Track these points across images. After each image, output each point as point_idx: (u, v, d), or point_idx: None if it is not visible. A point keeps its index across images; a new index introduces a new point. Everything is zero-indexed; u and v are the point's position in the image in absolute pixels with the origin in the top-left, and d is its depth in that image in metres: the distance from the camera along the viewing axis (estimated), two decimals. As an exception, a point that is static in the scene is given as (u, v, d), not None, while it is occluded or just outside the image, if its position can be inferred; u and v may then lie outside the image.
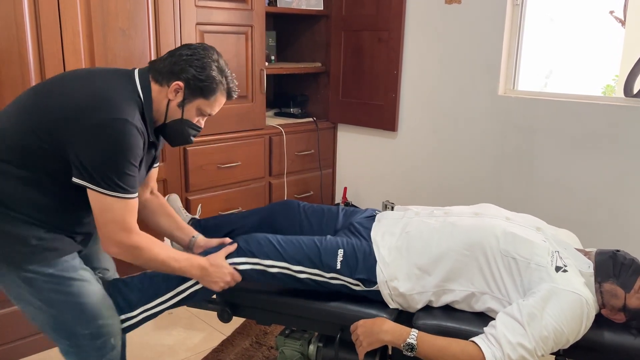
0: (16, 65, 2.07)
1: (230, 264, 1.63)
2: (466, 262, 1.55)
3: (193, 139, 1.59)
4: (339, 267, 1.62)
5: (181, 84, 1.47)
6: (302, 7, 3.17)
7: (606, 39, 4.27)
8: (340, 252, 1.64)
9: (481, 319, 1.53)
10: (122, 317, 1.60)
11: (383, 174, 3.29)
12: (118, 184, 1.37)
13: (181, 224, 1.79)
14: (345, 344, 1.60)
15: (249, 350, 2.37)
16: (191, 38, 2.59)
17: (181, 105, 1.50)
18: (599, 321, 1.49)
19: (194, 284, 1.63)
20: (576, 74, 4.51)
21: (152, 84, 1.49)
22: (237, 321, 2.55)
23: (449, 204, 1.89)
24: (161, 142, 1.63)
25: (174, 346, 2.41)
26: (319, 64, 3.36)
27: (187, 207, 2.73)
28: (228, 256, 1.64)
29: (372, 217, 1.83)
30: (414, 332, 1.44)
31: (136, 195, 1.44)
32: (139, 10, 2.38)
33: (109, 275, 1.72)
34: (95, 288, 1.50)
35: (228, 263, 1.62)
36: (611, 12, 3.91)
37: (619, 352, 1.47)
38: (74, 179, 1.37)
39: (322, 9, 3.25)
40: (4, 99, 2.02)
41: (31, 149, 1.36)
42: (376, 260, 1.63)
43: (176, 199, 2.06)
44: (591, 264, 1.53)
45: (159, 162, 1.71)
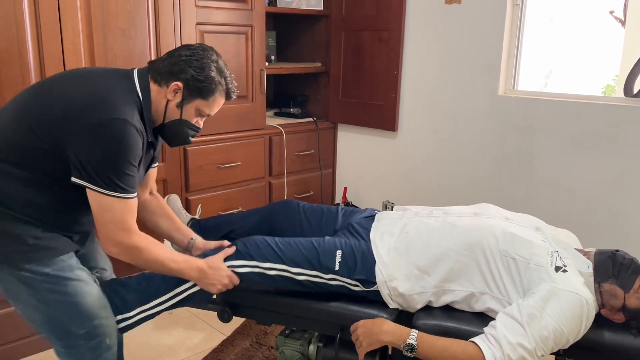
0: (16, 65, 2.07)
1: (229, 266, 1.63)
2: (466, 262, 1.55)
3: (192, 139, 1.59)
4: (337, 268, 1.62)
5: (180, 84, 1.47)
6: (302, 7, 3.17)
7: (606, 39, 4.27)
8: (339, 253, 1.64)
9: (481, 319, 1.53)
10: (119, 318, 1.60)
11: (383, 174, 3.29)
12: (117, 183, 1.37)
13: (180, 225, 1.78)
14: (346, 344, 1.60)
15: (249, 350, 2.37)
16: (191, 38, 2.59)
17: (180, 105, 1.50)
18: (599, 321, 1.49)
19: (192, 286, 1.63)
20: (576, 74, 4.51)
21: (151, 84, 1.49)
22: (237, 321, 2.55)
23: (449, 204, 1.89)
24: (160, 142, 1.63)
25: (174, 346, 2.41)
26: (319, 64, 3.36)
27: (187, 207, 2.73)
28: (226, 259, 1.64)
29: (371, 217, 1.83)
30: (413, 333, 1.44)
31: (135, 195, 1.44)
32: (139, 10, 2.38)
33: (106, 275, 1.72)
34: (91, 288, 1.50)
35: (226, 266, 1.62)
36: (611, 12, 3.91)
37: (619, 352, 1.47)
38: (73, 179, 1.37)
39: (322, 9, 3.25)
40: (4, 99, 2.02)
41: (30, 148, 1.36)
42: (375, 260, 1.63)
43: (176, 199, 2.06)
44: (590, 264, 1.53)
45: (157, 162, 1.71)
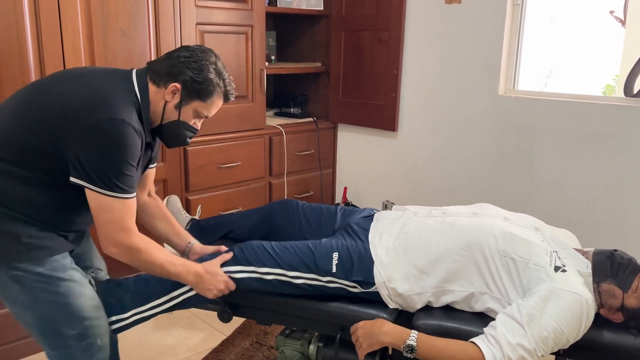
0: (16, 65, 2.07)
1: (226, 272, 1.63)
2: (465, 263, 1.55)
3: (189, 140, 1.59)
4: (334, 270, 1.62)
5: (178, 85, 1.47)
6: (302, 7, 3.17)
7: (606, 39, 4.27)
8: (335, 255, 1.63)
9: (481, 319, 1.53)
10: (114, 319, 1.60)
11: (383, 174, 3.29)
12: (116, 184, 1.37)
13: (178, 228, 1.78)
14: (346, 344, 1.60)
15: (249, 350, 2.37)
16: (191, 38, 2.59)
17: (178, 106, 1.50)
18: (599, 321, 1.49)
19: (188, 290, 1.63)
20: (576, 74, 4.51)
21: (150, 85, 1.49)
22: (237, 321, 2.55)
23: (449, 203, 1.89)
24: (157, 143, 1.63)
25: (174, 346, 2.41)
26: (319, 64, 3.36)
27: (187, 207, 2.73)
28: (224, 264, 1.64)
29: (370, 217, 1.82)
30: (413, 334, 1.44)
31: (134, 195, 1.44)
32: (139, 10, 2.38)
33: (101, 275, 1.72)
34: (84, 289, 1.49)
35: (224, 271, 1.62)
36: (611, 12, 3.91)
37: (618, 352, 1.47)
38: (72, 179, 1.37)
39: (322, 9, 3.25)
40: (4, 99, 2.01)
41: (29, 147, 1.36)
42: (373, 261, 1.63)
43: (176, 200, 2.06)
44: (589, 264, 1.53)
45: (155, 163, 1.71)
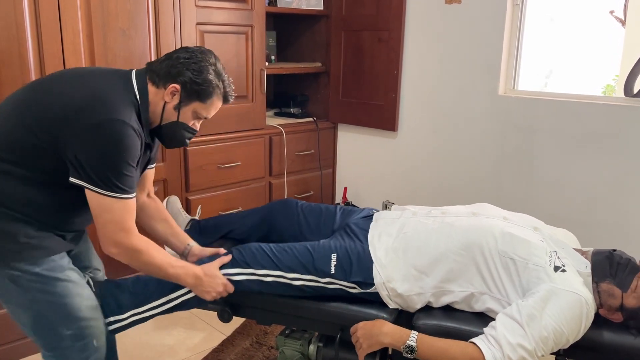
0: (16, 65, 2.07)
1: (225, 274, 1.63)
2: (464, 263, 1.55)
3: (188, 141, 1.59)
4: (333, 271, 1.62)
5: (178, 86, 1.47)
6: (302, 7, 3.17)
7: (606, 39, 4.27)
8: (334, 257, 1.63)
9: (481, 319, 1.53)
10: (111, 319, 1.60)
11: (383, 174, 3.29)
12: (116, 184, 1.37)
13: (177, 230, 1.78)
14: (346, 344, 1.60)
15: (249, 350, 2.37)
16: (191, 38, 2.59)
17: (177, 108, 1.50)
18: (599, 321, 1.49)
19: (187, 293, 1.63)
20: (576, 74, 4.51)
21: (149, 85, 1.49)
22: (237, 321, 2.55)
23: (449, 203, 1.89)
24: (156, 144, 1.63)
25: (174, 346, 2.41)
26: (319, 63, 3.36)
27: (187, 207, 2.73)
28: (223, 267, 1.64)
29: (369, 217, 1.82)
30: (413, 334, 1.44)
31: (134, 195, 1.44)
32: (139, 11, 2.38)
33: (100, 275, 1.72)
34: (81, 289, 1.49)
35: (223, 274, 1.62)
36: (611, 12, 3.91)
37: (619, 352, 1.47)
38: (72, 179, 1.37)
39: (322, 9, 3.25)
40: (4, 98, 2.02)
41: (29, 147, 1.36)
42: (372, 261, 1.62)
43: (176, 200, 2.06)
44: (588, 264, 1.53)
45: (154, 164, 1.71)
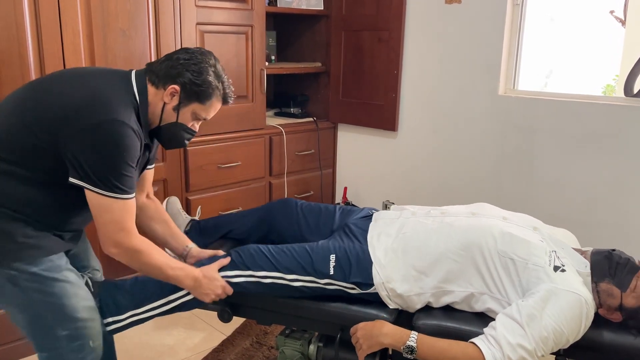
0: (16, 65, 2.07)
1: (224, 277, 1.63)
2: (464, 263, 1.55)
3: (187, 142, 1.59)
4: (332, 272, 1.62)
5: (177, 87, 1.47)
6: (302, 7, 3.17)
7: (606, 39, 4.27)
8: (332, 258, 1.63)
9: (481, 319, 1.53)
10: (110, 320, 1.61)
11: (383, 173, 3.29)
12: (116, 184, 1.37)
13: (176, 231, 1.78)
14: (346, 344, 1.60)
15: (249, 350, 2.37)
16: (191, 38, 2.59)
17: (176, 108, 1.51)
18: (599, 321, 1.49)
19: (186, 294, 1.63)
20: (576, 74, 4.51)
21: (149, 86, 1.49)
22: (237, 321, 2.55)
23: (449, 203, 1.89)
24: (155, 144, 1.63)
25: (174, 346, 2.41)
26: (319, 63, 3.36)
27: (187, 207, 2.73)
28: (221, 269, 1.64)
29: (368, 217, 1.82)
30: (413, 335, 1.44)
31: (134, 195, 1.44)
32: (139, 11, 2.38)
33: (98, 276, 1.72)
34: (78, 290, 1.49)
35: (222, 276, 1.63)
36: (611, 12, 3.91)
37: (619, 352, 1.47)
38: (71, 179, 1.37)
39: (322, 8, 3.25)
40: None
41: (29, 147, 1.36)
42: (372, 262, 1.62)
43: (175, 201, 2.06)
44: (588, 264, 1.53)
45: (153, 165, 1.71)
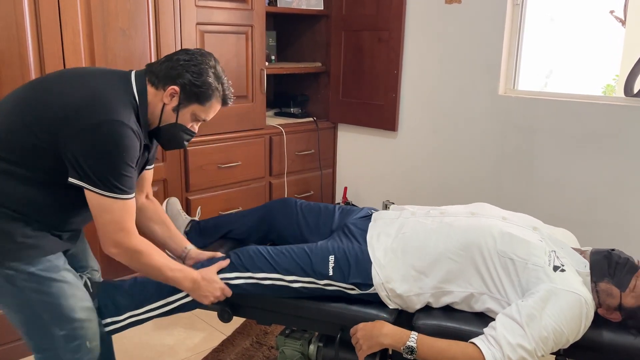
0: (16, 65, 2.07)
1: (223, 279, 1.63)
2: (463, 263, 1.55)
3: (186, 143, 1.59)
4: (331, 273, 1.62)
5: (177, 88, 1.47)
6: (302, 7, 3.17)
7: (606, 39, 4.28)
8: (331, 259, 1.63)
9: (481, 319, 1.53)
10: (109, 320, 1.61)
11: (383, 173, 3.29)
12: (115, 184, 1.37)
13: (175, 233, 1.78)
14: (346, 343, 1.60)
15: (249, 350, 2.37)
16: (191, 38, 2.59)
17: (176, 109, 1.51)
18: (598, 321, 1.49)
19: (184, 297, 1.63)
20: (576, 74, 4.51)
21: (148, 87, 1.49)
22: (237, 321, 2.55)
23: (449, 203, 1.89)
24: (154, 145, 1.63)
25: (174, 346, 2.41)
26: (319, 63, 3.36)
27: (188, 207, 2.73)
28: (221, 271, 1.64)
29: (367, 217, 1.82)
30: (413, 335, 1.43)
31: (133, 195, 1.44)
32: (139, 10, 2.38)
33: (97, 276, 1.72)
34: (75, 290, 1.49)
35: (221, 278, 1.63)
36: (611, 12, 3.91)
37: (619, 352, 1.47)
38: (71, 179, 1.37)
39: (322, 8, 3.25)
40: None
41: (29, 146, 1.36)
42: (371, 262, 1.62)
43: (175, 202, 2.06)
44: (587, 264, 1.53)
45: (152, 165, 1.71)
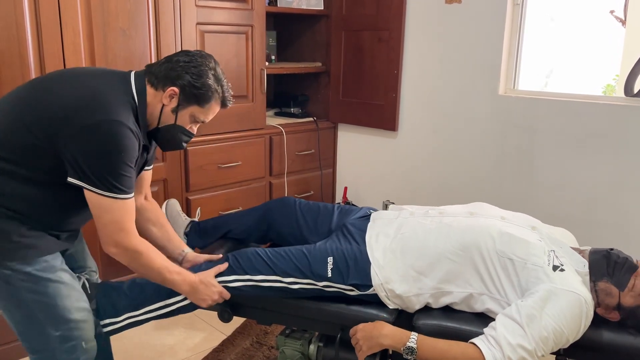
0: (16, 65, 2.07)
1: (222, 282, 1.63)
2: (462, 264, 1.55)
3: (185, 144, 1.59)
4: (330, 275, 1.61)
5: (176, 89, 1.47)
6: (302, 7, 3.17)
7: (606, 39, 4.27)
8: (330, 260, 1.63)
9: (481, 319, 1.53)
10: (107, 322, 1.61)
11: (383, 173, 3.29)
12: (114, 184, 1.37)
13: (172, 235, 1.78)
14: (346, 343, 1.60)
15: (249, 350, 2.37)
16: (191, 38, 2.59)
17: (175, 111, 1.51)
18: (598, 321, 1.49)
19: (182, 299, 1.64)
20: (577, 74, 4.50)
21: (148, 87, 1.49)
22: (237, 321, 2.55)
23: (449, 203, 1.88)
24: (153, 146, 1.63)
25: (174, 346, 2.41)
26: (319, 63, 3.36)
27: (188, 207, 2.73)
28: (219, 274, 1.64)
29: (366, 217, 1.82)
30: (413, 336, 1.43)
31: (132, 195, 1.44)
32: (139, 10, 2.38)
33: (95, 277, 1.72)
34: (71, 291, 1.49)
35: (219, 281, 1.63)
36: (611, 12, 3.91)
37: (618, 352, 1.47)
38: (70, 179, 1.37)
39: (322, 8, 3.25)
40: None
41: (29, 146, 1.36)
42: (370, 262, 1.62)
43: (175, 203, 2.06)
44: (586, 263, 1.53)
45: (151, 166, 1.71)
